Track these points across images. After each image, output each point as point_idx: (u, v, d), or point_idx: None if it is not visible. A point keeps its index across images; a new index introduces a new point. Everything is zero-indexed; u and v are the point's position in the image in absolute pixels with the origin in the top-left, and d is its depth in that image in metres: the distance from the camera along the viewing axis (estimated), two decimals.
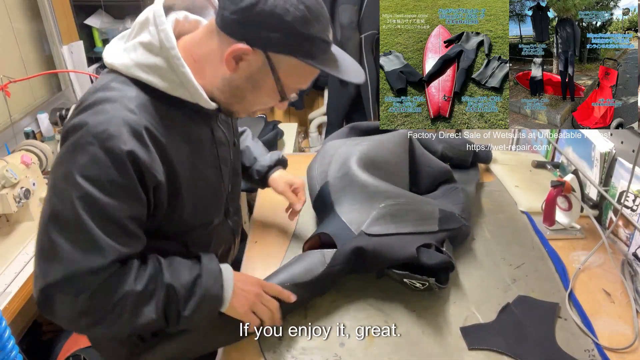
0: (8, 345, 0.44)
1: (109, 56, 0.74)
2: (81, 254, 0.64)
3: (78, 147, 0.64)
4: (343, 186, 1.06)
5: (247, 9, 0.66)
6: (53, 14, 2.36)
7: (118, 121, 0.65)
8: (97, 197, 0.64)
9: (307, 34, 0.68)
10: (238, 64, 0.71)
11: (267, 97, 0.77)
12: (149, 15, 0.72)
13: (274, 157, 1.09)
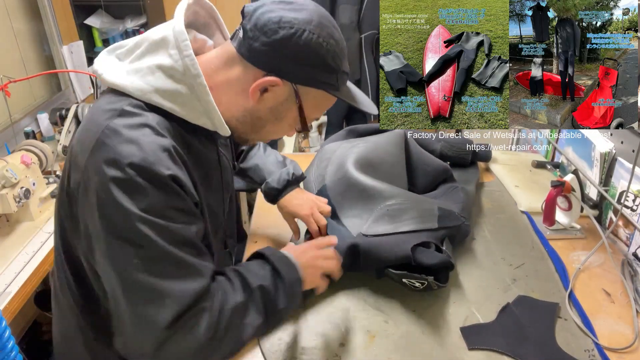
0: (8, 345, 0.44)
1: (111, 75, 0.68)
2: (183, 282, 0.63)
3: (122, 184, 0.60)
4: (341, 190, 1.07)
5: (281, 42, 0.65)
6: (53, 14, 2.36)
7: (153, 147, 0.62)
8: (165, 225, 0.62)
9: (336, 67, 0.70)
10: (262, 95, 0.70)
11: (287, 128, 0.77)
12: (167, 36, 0.67)
13: (283, 177, 1.01)
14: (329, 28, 0.68)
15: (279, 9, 0.66)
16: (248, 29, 0.66)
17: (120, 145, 0.61)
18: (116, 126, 0.63)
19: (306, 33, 0.65)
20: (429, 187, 1.22)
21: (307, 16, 0.66)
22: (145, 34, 0.70)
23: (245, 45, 0.67)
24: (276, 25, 0.65)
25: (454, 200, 1.11)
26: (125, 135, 0.62)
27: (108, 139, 0.62)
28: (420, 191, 1.21)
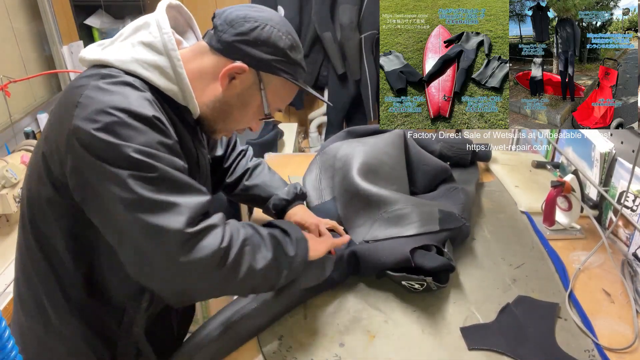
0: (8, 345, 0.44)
1: (92, 54, 0.74)
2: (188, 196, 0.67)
3: (113, 126, 0.64)
4: (347, 200, 1.09)
5: (246, 33, 0.75)
6: (53, 14, 2.36)
7: (136, 96, 0.68)
8: (160, 154, 0.66)
9: (294, 59, 0.79)
10: (231, 81, 0.77)
11: (252, 115, 0.83)
12: (148, 21, 0.75)
13: (292, 190, 1.06)
14: (288, 26, 0.79)
15: (245, 9, 0.77)
16: (218, 24, 0.76)
17: (105, 96, 0.66)
18: (98, 84, 0.67)
19: (268, 27, 0.75)
20: (429, 187, 1.22)
21: (269, 15, 0.77)
22: (128, 25, 0.78)
23: (216, 38, 0.76)
24: (243, 19, 0.75)
25: (454, 201, 1.11)
26: (109, 89, 0.67)
27: (92, 93, 0.66)
28: (421, 191, 1.21)
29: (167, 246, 0.64)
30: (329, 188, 1.16)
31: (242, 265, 0.70)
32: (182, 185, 0.68)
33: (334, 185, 1.15)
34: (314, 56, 2.52)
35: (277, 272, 0.75)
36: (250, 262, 0.71)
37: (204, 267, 0.66)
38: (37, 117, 2.11)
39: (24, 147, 1.49)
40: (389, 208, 1.02)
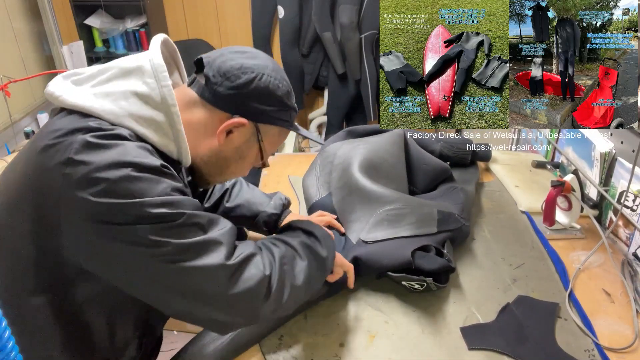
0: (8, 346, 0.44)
1: (73, 97, 0.66)
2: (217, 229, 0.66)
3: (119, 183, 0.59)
4: (344, 194, 1.08)
5: (244, 85, 0.71)
6: (53, 14, 2.36)
7: (133, 147, 0.63)
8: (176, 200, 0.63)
9: (290, 105, 0.77)
10: (228, 135, 0.74)
11: (248, 166, 0.81)
12: (142, 65, 0.68)
13: (278, 202, 1.04)
14: (281, 71, 0.76)
15: (237, 57, 0.72)
16: (210, 75, 0.71)
17: (102, 154, 0.60)
18: (87, 139, 0.61)
19: (265, 76, 0.72)
20: (429, 187, 1.22)
21: (263, 62, 0.73)
22: (110, 63, 0.71)
23: (209, 91, 0.71)
24: (239, 71, 0.71)
25: (453, 201, 1.11)
26: (103, 143, 0.61)
27: (84, 150, 0.60)
28: (420, 191, 1.21)
29: (215, 284, 0.63)
30: (326, 184, 1.15)
31: (286, 286, 0.70)
32: (208, 221, 0.66)
33: (331, 180, 1.14)
34: (314, 56, 2.52)
35: (316, 277, 0.76)
36: (291, 281, 0.71)
37: (252, 298, 0.66)
38: (37, 117, 2.11)
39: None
40: (387, 207, 1.02)
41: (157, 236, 0.60)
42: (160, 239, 0.60)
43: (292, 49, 2.51)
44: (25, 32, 2.21)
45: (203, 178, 0.80)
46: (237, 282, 0.65)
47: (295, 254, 0.74)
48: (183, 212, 0.62)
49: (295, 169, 1.40)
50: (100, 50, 2.61)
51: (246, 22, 2.66)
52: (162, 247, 0.60)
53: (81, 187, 0.58)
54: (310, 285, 0.74)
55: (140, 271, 0.62)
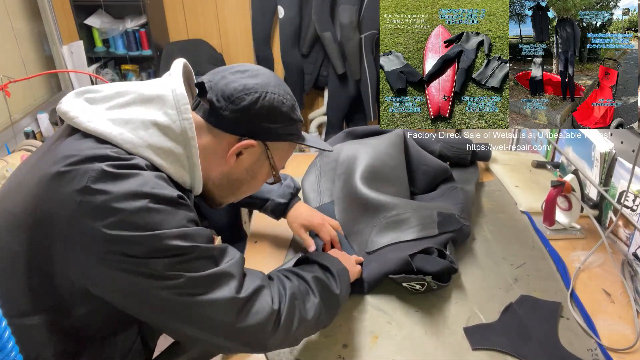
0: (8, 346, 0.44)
1: (90, 121, 0.64)
2: (227, 261, 0.66)
3: (136, 214, 0.58)
4: (346, 205, 1.09)
5: (249, 107, 0.70)
6: (53, 14, 2.36)
7: (151, 177, 0.62)
8: (192, 232, 0.63)
9: (296, 118, 0.76)
10: (238, 157, 0.74)
11: (260, 183, 0.81)
12: (164, 95, 0.68)
13: (286, 190, 1.03)
14: (283, 86, 0.75)
15: (239, 78, 0.71)
16: (215, 100, 0.70)
17: (120, 183, 0.59)
18: (106, 168, 0.60)
19: (269, 94, 0.71)
20: (429, 187, 1.22)
21: (265, 80, 0.72)
22: (128, 86, 0.70)
23: (214, 115, 0.71)
24: (242, 92, 0.70)
25: (453, 201, 1.11)
26: (120, 173, 0.60)
27: (101, 181, 0.59)
28: (421, 191, 1.22)
29: (225, 316, 0.63)
30: (328, 191, 1.16)
31: (295, 321, 0.70)
32: (219, 252, 0.66)
33: (334, 189, 1.15)
34: (314, 56, 2.52)
35: (327, 313, 0.76)
36: (301, 314, 0.71)
37: (260, 330, 0.66)
38: (37, 117, 2.11)
39: (24, 147, 1.49)
40: (387, 213, 1.02)
41: (170, 270, 0.60)
42: (174, 272, 0.60)
43: (292, 49, 2.51)
44: (25, 32, 2.21)
45: (215, 200, 0.80)
46: (246, 315, 0.65)
47: (308, 289, 0.74)
48: (197, 245, 0.62)
49: (294, 169, 1.40)
50: (100, 50, 2.61)
51: (246, 22, 2.66)
52: (175, 280, 0.60)
53: (97, 216, 0.58)
54: (320, 321, 0.74)
55: (150, 302, 0.62)
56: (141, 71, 2.73)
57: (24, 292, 0.64)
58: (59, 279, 0.63)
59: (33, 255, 0.62)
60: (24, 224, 0.62)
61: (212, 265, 0.64)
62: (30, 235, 0.61)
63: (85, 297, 0.64)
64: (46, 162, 0.63)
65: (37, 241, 0.61)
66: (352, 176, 1.10)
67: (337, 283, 0.78)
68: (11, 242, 0.63)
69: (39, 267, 0.63)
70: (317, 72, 2.56)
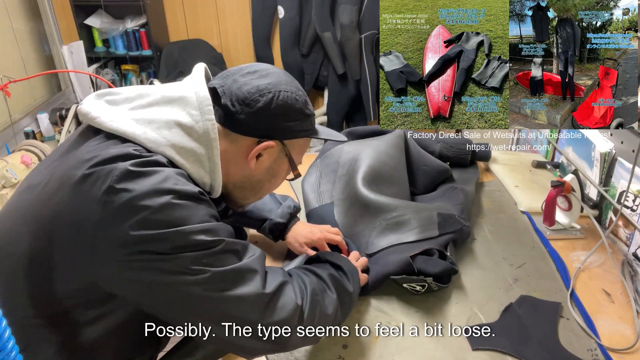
0: (8, 346, 0.44)
1: (112, 121, 0.65)
2: (249, 256, 0.66)
3: (160, 210, 0.58)
4: (346, 207, 1.08)
5: (264, 109, 0.70)
6: (53, 14, 2.37)
7: (172, 174, 0.63)
8: (214, 226, 0.63)
9: (309, 113, 0.76)
10: (258, 159, 0.74)
11: (280, 181, 0.81)
12: (187, 96, 0.68)
13: (285, 210, 1.03)
14: (294, 82, 0.75)
15: (250, 81, 0.71)
16: (230, 105, 0.70)
17: (144, 181, 0.60)
18: (128, 167, 0.60)
19: (282, 93, 0.71)
20: (429, 188, 1.22)
21: (276, 79, 0.72)
22: (149, 88, 0.71)
23: (231, 120, 0.71)
24: (256, 94, 0.70)
25: (453, 202, 1.11)
26: (143, 171, 0.60)
27: (125, 180, 0.59)
28: (421, 191, 1.22)
29: (252, 313, 0.63)
30: (328, 192, 1.15)
31: (316, 316, 0.70)
32: (242, 248, 0.66)
33: (334, 190, 1.14)
34: (314, 56, 2.53)
35: (343, 310, 0.76)
36: (321, 309, 0.71)
37: (286, 327, 0.66)
38: (37, 117, 2.11)
39: (24, 147, 1.49)
40: (388, 215, 1.02)
41: (196, 265, 0.60)
42: (200, 267, 0.60)
43: (292, 49, 2.51)
44: (25, 32, 2.21)
45: (237, 202, 0.80)
46: (273, 311, 0.65)
47: (325, 286, 0.75)
48: (221, 239, 0.62)
49: None
50: (100, 50, 2.61)
51: (246, 22, 2.66)
52: (201, 275, 0.60)
53: (122, 215, 0.58)
54: (337, 317, 0.75)
55: (176, 299, 0.62)
56: (141, 71, 2.74)
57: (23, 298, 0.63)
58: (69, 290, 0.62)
59: (42, 261, 0.62)
60: (43, 228, 0.62)
61: (236, 260, 0.64)
62: (51, 240, 0.61)
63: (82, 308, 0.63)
64: (68, 166, 0.63)
65: (59, 245, 0.61)
66: (353, 178, 1.10)
67: (350, 281, 0.79)
68: (23, 246, 0.63)
69: (45, 275, 0.62)
70: (317, 72, 2.56)
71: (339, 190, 1.13)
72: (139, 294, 0.62)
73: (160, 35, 2.64)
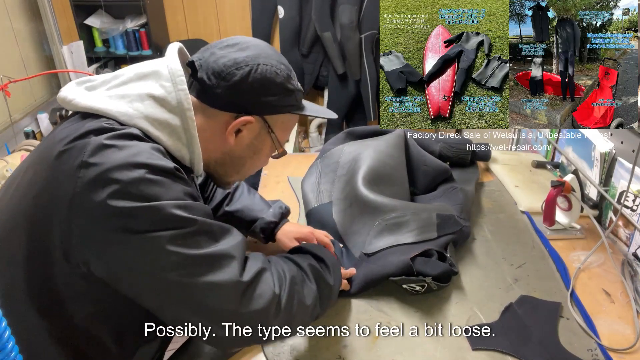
0: (8, 346, 0.44)
1: (86, 100, 0.65)
2: (228, 239, 0.64)
3: (133, 185, 0.58)
4: (345, 206, 1.08)
5: (241, 82, 0.68)
6: (53, 14, 2.37)
7: (147, 148, 0.62)
8: (189, 204, 0.62)
9: (293, 88, 0.73)
10: (237, 135, 0.72)
11: (265, 158, 0.80)
12: (160, 70, 0.68)
13: (277, 210, 1.02)
14: (275, 55, 0.72)
15: (228, 53, 0.69)
16: (206, 79, 0.69)
17: (115, 153, 0.59)
18: (101, 141, 0.60)
19: (260, 66, 0.69)
20: (429, 188, 1.22)
21: (256, 52, 0.70)
22: (124, 69, 0.71)
23: (207, 94, 0.69)
24: (232, 67, 0.68)
25: (453, 201, 1.11)
26: (116, 144, 0.60)
27: (97, 154, 0.59)
28: (421, 192, 1.22)
29: (228, 301, 0.62)
30: (327, 192, 1.15)
31: (294, 305, 0.69)
32: (219, 230, 0.65)
33: (333, 190, 1.14)
34: (314, 56, 2.53)
35: (322, 303, 0.75)
36: (300, 299, 0.70)
37: (264, 316, 0.65)
38: (37, 117, 2.11)
39: (24, 147, 1.49)
40: (387, 215, 1.02)
41: (171, 245, 0.59)
42: (175, 249, 0.59)
43: (292, 49, 2.51)
44: (25, 32, 2.21)
45: (222, 179, 0.79)
46: (249, 300, 0.63)
47: (305, 276, 0.74)
48: (196, 218, 0.61)
49: (294, 170, 1.40)
50: (100, 50, 2.61)
51: (246, 22, 2.66)
52: (175, 258, 0.59)
53: (94, 189, 0.57)
54: (315, 309, 0.74)
55: (148, 281, 0.61)
56: None
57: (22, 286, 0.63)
58: (58, 275, 0.62)
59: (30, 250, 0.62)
60: (26, 216, 0.62)
61: (213, 242, 0.63)
62: (32, 226, 0.61)
63: (77, 296, 0.63)
64: (47, 148, 0.64)
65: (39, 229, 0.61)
66: (354, 178, 1.10)
67: (331, 274, 0.77)
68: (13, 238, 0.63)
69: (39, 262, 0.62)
70: (317, 72, 2.56)
71: (338, 190, 1.13)
72: (115, 276, 0.61)
73: (160, 35, 2.64)
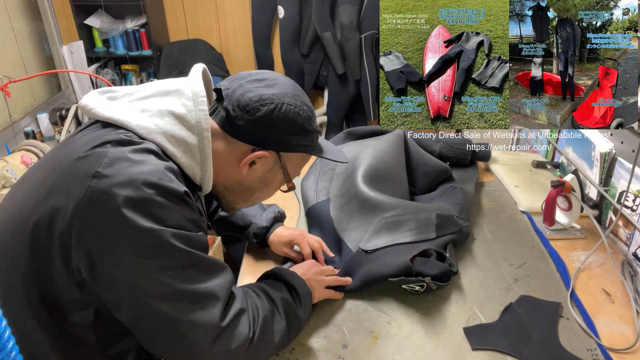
0: (8, 346, 0.44)
1: (107, 110, 0.67)
2: (217, 278, 0.66)
3: (140, 204, 0.59)
4: (343, 202, 1.08)
5: (264, 118, 0.70)
6: (53, 14, 2.37)
7: (161, 167, 0.63)
8: (188, 235, 0.63)
9: (311, 129, 0.76)
10: (251, 166, 0.75)
11: (273, 191, 0.82)
12: (183, 89, 0.69)
13: (270, 215, 1.03)
14: (300, 96, 0.74)
15: (256, 88, 0.71)
16: (230, 109, 0.71)
17: (129, 168, 0.60)
18: (118, 153, 0.61)
19: (285, 106, 0.71)
20: (429, 187, 1.22)
21: (282, 90, 0.72)
22: (147, 84, 0.73)
23: (230, 124, 0.71)
24: (257, 103, 0.70)
25: (452, 201, 1.11)
26: (132, 158, 0.61)
27: (112, 165, 0.60)
28: (420, 191, 1.21)
29: (202, 340, 0.64)
30: (325, 189, 1.15)
31: (262, 345, 0.71)
32: (211, 267, 0.66)
33: (331, 187, 1.14)
34: (314, 56, 2.53)
35: (289, 335, 0.77)
36: (268, 338, 0.72)
37: (233, 356, 0.67)
38: (37, 117, 2.11)
39: (24, 147, 1.49)
40: (386, 214, 1.02)
41: (159, 273, 0.60)
42: (165, 280, 0.60)
43: (292, 49, 2.51)
44: (25, 32, 2.21)
45: (229, 205, 0.81)
46: (222, 342, 0.65)
47: (276, 312, 0.75)
48: (190, 251, 0.62)
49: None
50: (100, 50, 2.61)
51: (246, 22, 2.66)
52: (164, 290, 0.61)
53: (100, 200, 0.58)
54: (282, 343, 0.75)
55: (129, 299, 0.62)
56: (141, 71, 2.73)
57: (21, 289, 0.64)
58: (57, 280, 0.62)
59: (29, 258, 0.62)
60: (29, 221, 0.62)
61: (203, 277, 0.64)
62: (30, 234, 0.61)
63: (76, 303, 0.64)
64: (66, 152, 0.65)
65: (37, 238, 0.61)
66: (353, 175, 1.10)
67: (301, 306, 0.79)
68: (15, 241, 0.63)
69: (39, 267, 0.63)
70: (317, 72, 2.56)
71: (336, 187, 1.13)
72: (101, 286, 0.62)
73: (160, 35, 2.64)
